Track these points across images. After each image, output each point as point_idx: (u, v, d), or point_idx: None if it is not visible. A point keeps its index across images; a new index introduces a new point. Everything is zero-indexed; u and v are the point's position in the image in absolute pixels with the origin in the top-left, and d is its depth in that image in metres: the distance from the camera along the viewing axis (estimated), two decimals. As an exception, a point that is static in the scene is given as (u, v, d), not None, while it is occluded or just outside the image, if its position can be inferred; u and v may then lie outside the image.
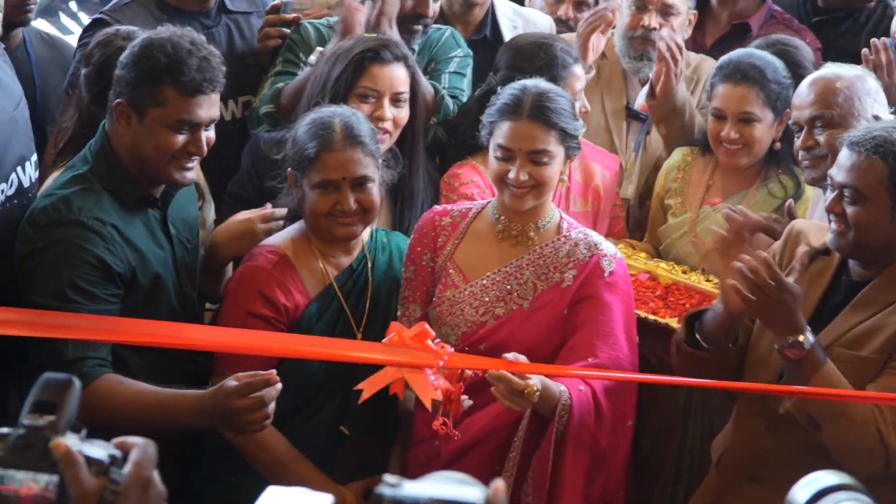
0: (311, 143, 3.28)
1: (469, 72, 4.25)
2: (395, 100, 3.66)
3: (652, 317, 3.61)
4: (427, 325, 3.10)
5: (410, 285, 3.43)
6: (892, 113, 3.65)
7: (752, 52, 4.09)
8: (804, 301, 3.08)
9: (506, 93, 3.38)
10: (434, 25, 4.33)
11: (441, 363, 2.99)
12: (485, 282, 3.37)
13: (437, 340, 3.08)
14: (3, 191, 3.24)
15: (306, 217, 3.37)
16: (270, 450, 3.27)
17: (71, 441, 1.46)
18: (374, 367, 3.09)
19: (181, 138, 3.08)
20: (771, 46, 4.21)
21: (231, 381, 2.87)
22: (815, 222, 3.43)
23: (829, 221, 3.12)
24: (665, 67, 4.12)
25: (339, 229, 3.32)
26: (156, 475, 1.51)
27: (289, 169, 3.37)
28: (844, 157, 3.08)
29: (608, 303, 3.32)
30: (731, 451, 3.34)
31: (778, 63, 4.00)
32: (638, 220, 4.36)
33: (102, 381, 2.98)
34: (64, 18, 6.00)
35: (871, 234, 3.02)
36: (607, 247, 3.42)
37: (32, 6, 4.24)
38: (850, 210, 3.04)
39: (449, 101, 4.12)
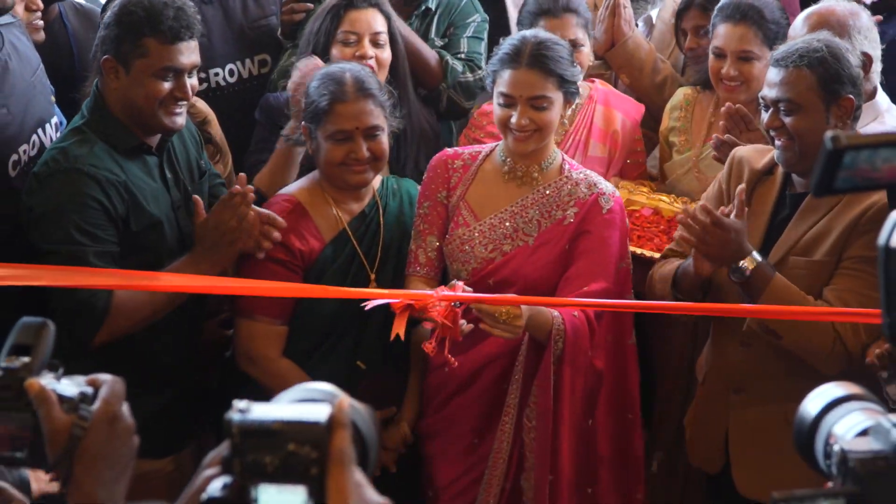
0: (325, 97, 3.34)
1: (485, 36, 4.29)
2: (375, 41, 3.77)
3: (658, 255, 3.61)
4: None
5: (426, 220, 3.47)
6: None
7: None
8: (755, 221, 3.20)
9: (507, 43, 3.42)
10: None
11: (437, 296, 3.08)
12: (493, 220, 3.43)
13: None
14: (25, 151, 3.34)
15: (321, 167, 3.43)
16: (292, 384, 3.36)
17: (45, 380, 1.50)
18: (385, 307, 3.17)
19: (167, 85, 3.16)
20: None
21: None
22: (754, 146, 3.48)
23: (772, 139, 3.20)
24: (610, 19, 4.20)
25: (352, 177, 3.38)
26: (124, 409, 1.55)
27: (302, 122, 3.44)
28: (772, 74, 3.17)
29: (606, 237, 3.37)
30: (713, 369, 3.45)
31: (775, 4, 3.97)
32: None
33: (116, 299, 3.15)
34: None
35: (812, 140, 3.09)
36: (606, 186, 3.47)
37: None
38: (788, 121, 3.13)
39: (457, 64, 4.18)
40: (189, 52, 3.18)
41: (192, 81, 3.22)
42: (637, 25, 4.41)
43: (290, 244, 3.37)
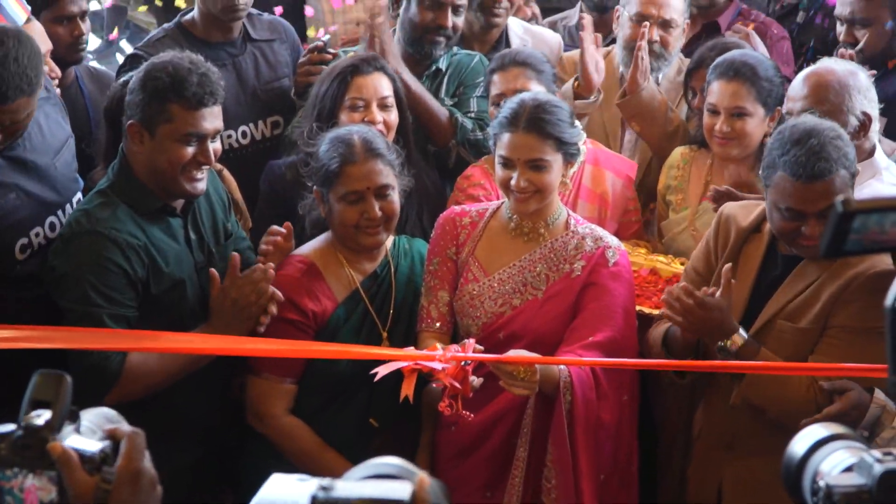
0: (335, 159, 3.37)
1: None
2: (383, 105, 3.79)
3: (657, 311, 3.63)
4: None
5: (436, 275, 3.49)
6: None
7: (746, 52, 4.12)
8: (742, 280, 3.23)
9: (506, 106, 3.45)
10: (464, 51, 4.46)
11: (442, 359, 3.08)
12: (502, 275, 3.45)
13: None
14: (38, 234, 3.35)
15: (335, 229, 3.45)
16: (298, 441, 3.40)
17: (66, 436, 1.51)
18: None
19: (190, 150, 3.18)
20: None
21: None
22: (741, 203, 3.50)
23: (792, 239, 3.19)
24: (633, 68, 4.22)
25: (366, 239, 3.40)
26: (147, 462, 1.55)
27: (314, 187, 3.47)
28: (806, 189, 3.10)
29: (611, 289, 3.39)
30: (706, 427, 3.50)
31: (769, 63, 4.02)
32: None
33: (128, 363, 3.17)
34: (119, 58, 6.21)
35: None
36: (611, 239, 3.50)
37: (84, 45, 4.38)
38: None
39: (467, 122, 4.22)
40: (212, 118, 3.19)
41: (214, 146, 3.24)
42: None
43: (303, 305, 3.39)
